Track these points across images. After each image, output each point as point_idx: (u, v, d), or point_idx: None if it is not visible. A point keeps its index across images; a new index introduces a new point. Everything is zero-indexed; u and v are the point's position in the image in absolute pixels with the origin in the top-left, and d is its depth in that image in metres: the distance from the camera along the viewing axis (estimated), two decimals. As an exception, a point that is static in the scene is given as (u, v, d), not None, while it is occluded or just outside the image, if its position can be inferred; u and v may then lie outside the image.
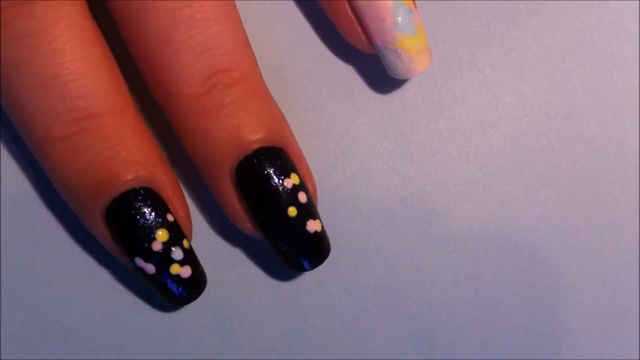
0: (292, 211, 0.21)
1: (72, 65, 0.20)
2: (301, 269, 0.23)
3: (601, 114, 0.25)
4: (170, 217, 0.21)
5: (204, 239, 0.24)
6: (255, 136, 0.21)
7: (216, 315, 0.24)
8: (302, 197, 0.21)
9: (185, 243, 0.21)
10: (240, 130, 0.21)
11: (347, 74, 0.24)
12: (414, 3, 0.22)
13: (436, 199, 0.24)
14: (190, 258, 0.21)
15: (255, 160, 0.21)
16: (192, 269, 0.22)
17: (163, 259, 0.21)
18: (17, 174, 0.23)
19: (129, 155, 0.21)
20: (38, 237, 0.23)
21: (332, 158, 0.24)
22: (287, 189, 0.21)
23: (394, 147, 0.24)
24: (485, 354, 0.25)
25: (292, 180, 0.21)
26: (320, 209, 0.23)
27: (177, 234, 0.21)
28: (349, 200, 0.24)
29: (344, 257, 0.24)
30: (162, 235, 0.21)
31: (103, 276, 0.23)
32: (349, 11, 0.22)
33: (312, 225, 0.22)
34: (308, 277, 0.24)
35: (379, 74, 0.24)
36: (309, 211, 0.22)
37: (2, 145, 0.23)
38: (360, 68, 0.24)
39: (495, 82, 0.25)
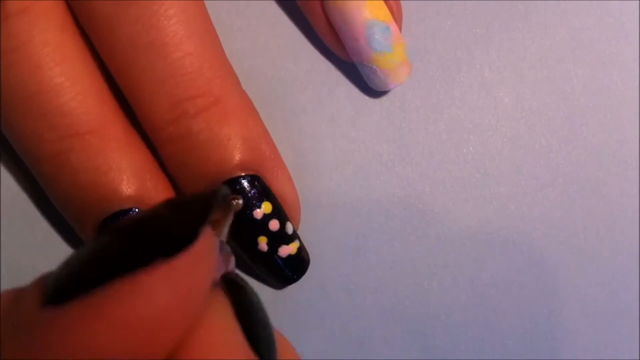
0: (262, 240, 0.21)
1: (50, 82, 0.19)
2: (281, 285, 0.23)
3: (600, 114, 0.25)
4: None
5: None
6: (223, 168, 0.20)
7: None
8: (273, 225, 0.21)
9: None
10: (208, 162, 0.20)
11: (347, 75, 0.24)
12: (396, 14, 0.22)
13: (435, 200, 0.24)
14: None
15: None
16: None
17: None
18: (17, 174, 0.23)
19: (116, 174, 0.20)
20: (38, 237, 0.23)
21: (331, 159, 0.24)
22: (257, 219, 0.21)
23: (392, 148, 0.24)
24: (484, 354, 0.25)
25: (263, 209, 0.21)
26: (320, 209, 0.23)
27: None
28: (348, 200, 0.24)
29: (343, 258, 0.24)
30: None
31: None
32: (328, 27, 0.22)
33: (285, 251, 0.22)
34: (307, 277, 0.24)
35: (378, 75, 0.24)
36: (281, 238, 0.21)
37: (2, 146, 0.23)
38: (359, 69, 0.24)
39: (494, 83, 0.25)
